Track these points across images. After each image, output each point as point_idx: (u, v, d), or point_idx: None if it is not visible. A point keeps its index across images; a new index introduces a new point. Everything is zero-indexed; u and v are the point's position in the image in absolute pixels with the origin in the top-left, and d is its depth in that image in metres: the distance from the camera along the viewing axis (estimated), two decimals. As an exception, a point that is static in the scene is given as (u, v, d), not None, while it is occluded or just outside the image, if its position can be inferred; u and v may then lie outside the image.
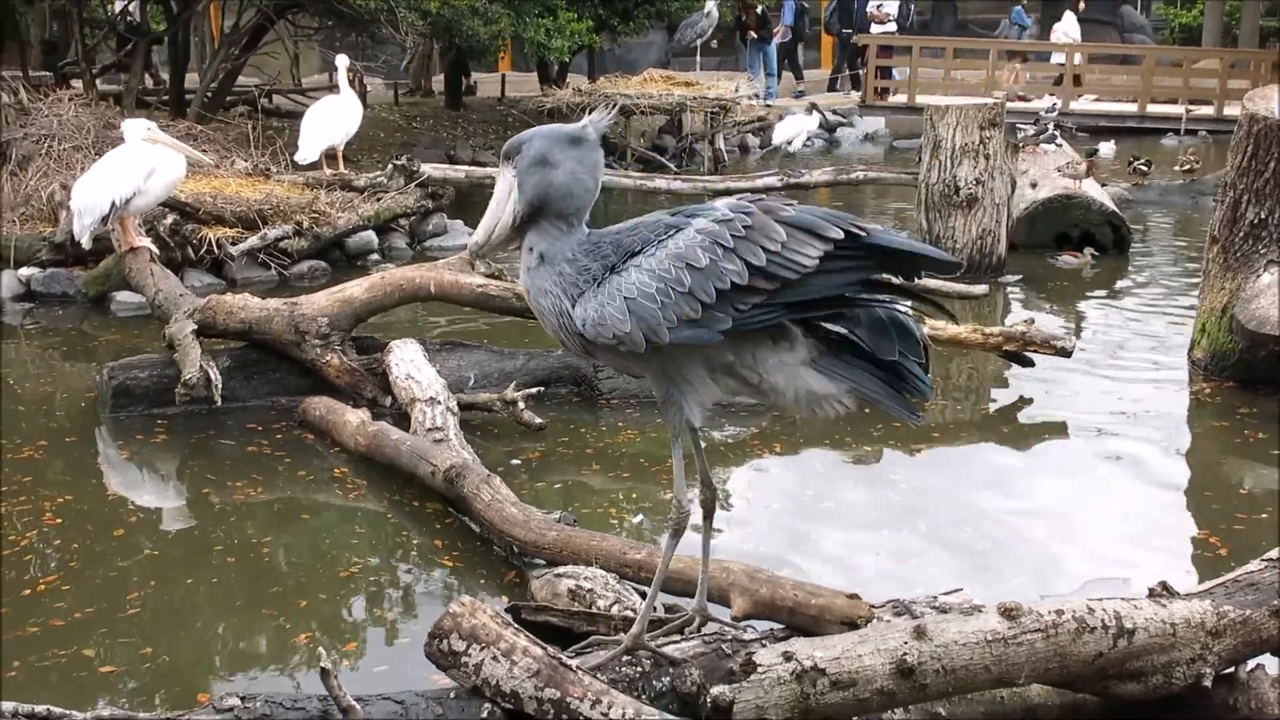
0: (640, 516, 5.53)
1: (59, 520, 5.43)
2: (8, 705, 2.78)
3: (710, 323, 2.97)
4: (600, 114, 3.18)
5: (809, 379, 3.15)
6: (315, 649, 4.22)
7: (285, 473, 6.01)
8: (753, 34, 22.97)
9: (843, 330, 3.18)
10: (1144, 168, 14.72)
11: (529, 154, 3.07)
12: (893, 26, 25.02)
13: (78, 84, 14.21)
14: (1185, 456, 6.37)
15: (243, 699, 2.91)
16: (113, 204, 7.88)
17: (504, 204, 3.10)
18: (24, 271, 9.44)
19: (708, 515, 3.44)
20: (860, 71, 23.81)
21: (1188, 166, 14.81)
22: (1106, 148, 15.36)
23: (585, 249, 3.09)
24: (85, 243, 8.39)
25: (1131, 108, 22.10)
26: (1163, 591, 3.56)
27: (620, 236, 3.09)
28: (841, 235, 2.98)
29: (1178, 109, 21.53)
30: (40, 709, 2.79)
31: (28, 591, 4.72)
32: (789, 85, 24.66)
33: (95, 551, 5.14)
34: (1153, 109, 21.92)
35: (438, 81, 20.73)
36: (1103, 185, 12.77)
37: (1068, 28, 24.20)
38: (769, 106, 21.25)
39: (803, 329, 3.16)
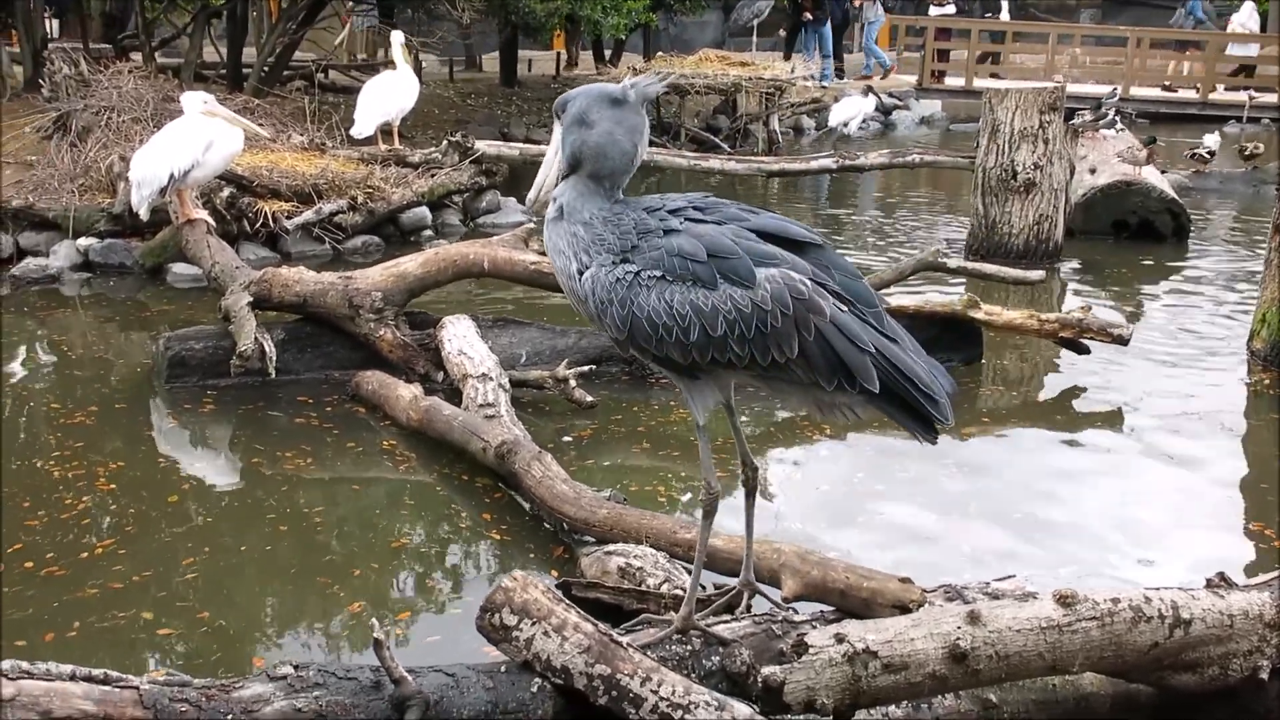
0: (690, 495, 5.52)
1: (113, 486, 5.50)
2: (65, 668, 2.81)
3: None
4: (647, 78, 3.14)
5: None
6: (368, 618, 4.27)
7: (335, 445, 6.04)
8: (808, 16, 22.79)
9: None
10: (1205, 155, 14.50)
11: (571, 112, 3.07)
12: (951, 9, 24.75)
13: (137, 57, 14.34)
14: (1242, 447, 6.29)
15: (296, 668, 2.92)
16: (171, 176, 7.96)
17: (551, 161, 3.10)
18: (82, 242, 9.54)
19: (749, 494, 3.42)
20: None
21: (1250, 153, 14.56)
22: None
23: (605, 216, 3.04)
24: (143, 214, 8.48)
25: (1193, 95, 21.79)
26: (1220, 582, 3.50)
27: (644, 215, 3.02)
28: (875, 389, 2.92)
29: (1240, 96, 21.21)
30: (98, 672, 2.82)
31: (85, 555, 4.78)
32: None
33: (150, 517, 5.20)
34: (1215, 96, 21.59)
35: (490, 60, 20.74)
36: (1162, 172, 12.60)
37: (1245, 19, 23.66)
38: (824, 88, 21.12)
39: None
